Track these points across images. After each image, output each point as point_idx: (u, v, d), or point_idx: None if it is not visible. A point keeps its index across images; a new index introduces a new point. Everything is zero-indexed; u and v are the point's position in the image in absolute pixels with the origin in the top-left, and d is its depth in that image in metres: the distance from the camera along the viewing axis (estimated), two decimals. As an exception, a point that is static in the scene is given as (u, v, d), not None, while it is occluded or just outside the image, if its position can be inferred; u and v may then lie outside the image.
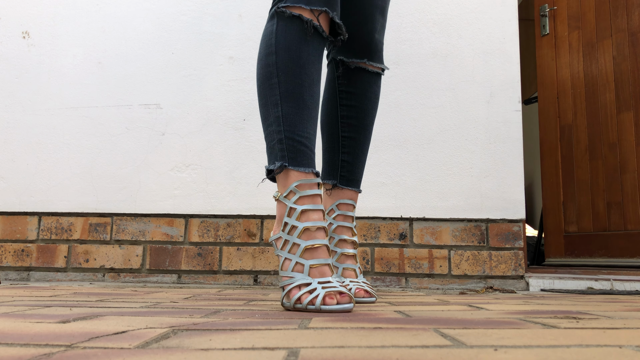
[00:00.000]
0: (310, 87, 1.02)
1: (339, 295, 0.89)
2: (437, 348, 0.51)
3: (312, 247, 0.94)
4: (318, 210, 0.97)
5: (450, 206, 1.98)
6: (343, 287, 0.92)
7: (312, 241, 0.94)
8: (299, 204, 0.97)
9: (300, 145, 1.00)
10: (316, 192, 0.98)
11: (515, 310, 0.94)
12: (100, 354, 0.47)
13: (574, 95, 2.50)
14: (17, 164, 2.07)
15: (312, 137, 1.03)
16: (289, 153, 1.00)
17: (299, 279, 0.92)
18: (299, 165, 0.99)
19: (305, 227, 0.95)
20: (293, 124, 1.00)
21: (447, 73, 2.06)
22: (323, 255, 0.94)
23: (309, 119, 1.02)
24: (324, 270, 0.93)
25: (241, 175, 2.03)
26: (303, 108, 1.01)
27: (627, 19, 2.32)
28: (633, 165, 2.23)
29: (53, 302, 1.01)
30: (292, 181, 0.98)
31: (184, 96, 2.08)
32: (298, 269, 0.94)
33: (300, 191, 0.97)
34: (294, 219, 0.96)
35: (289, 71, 1.01)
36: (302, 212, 0.96)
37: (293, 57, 1.02)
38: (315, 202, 0.97)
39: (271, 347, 0.51)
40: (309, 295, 0.89)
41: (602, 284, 1.83)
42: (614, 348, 0.51)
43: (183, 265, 1.98)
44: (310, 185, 0.98)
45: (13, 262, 2.01)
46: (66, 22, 2.15)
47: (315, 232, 0.95)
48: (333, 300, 0.88)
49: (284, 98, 1.01)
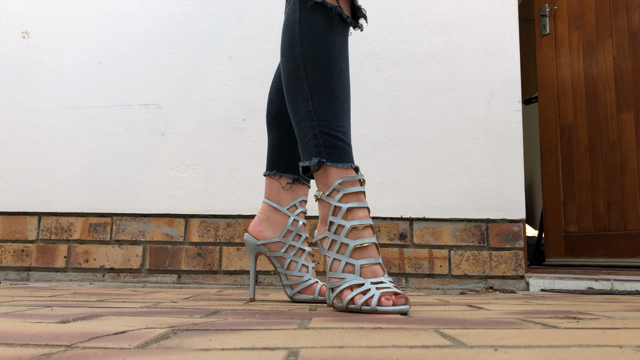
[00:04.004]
0: (340, 78, 0.98)
1: (394, 296, 0.86)
2: (437, 348, 0.51)
3: (362, 246, 0.91)
4: (364, 208, 0.93)
5: (451, 206, 1.98)
6: (397, 288, 0.89)
7: (361, 240, 0.91)
8: (344, 202, 0.93)
9: (336, 140, 0.96)
10: (360, 190, 0.94)
11: (515, 310, 0.94)
12: (100, 354, 0.47)
13: (574, 95, 2.50)
14: (17, 164, 2.07)
15: (348, 131, 0.98)
16: (326, 149, 0.95)
17: (350, 279, 0.89)
18: (337, 161, 0.95)
19: (352, 225, 0.91)
20: (326, 118, 0.96)
21: (447, 73, 2.06)
22: (374, 254, 0.91)
23: (342, 112, 0.97)
24: (376, 270, 0.90)
25: (241, 175, 2.03)
26: (335, 101, 0.97)
27: (628, 18, 2.32)
28: (633, 165, 2.23)
29: (53, 302, 1.01)
30: (333, 179, 0.94)
31: (184, 96, 2.08)
32: (349, 270, 0.91)
33: (344, 189, 0.93)
34: (340, 218, 0.92)
35: (315, 62, 0.97)
36: (347, 211, 0.92)
37: (319, 47, 0.97)
38: (360, 200, 0.94)
39: (271, 347, 0.51)
40: (363, 297, 0.86)
41: (602, 284, 1.82)
42: (614, 348, 0.51)
43: (183, 266, 1.98)
44: (354, 182, 0.95)
45: (13, 262, 2.01)
46: (66, 22, 2.15)
47: (363, 230, 0.92)
48: (389, 301, 0.85)
49: (313, 91, 0.97)
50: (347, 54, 1.02)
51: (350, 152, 0.97)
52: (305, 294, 1.15)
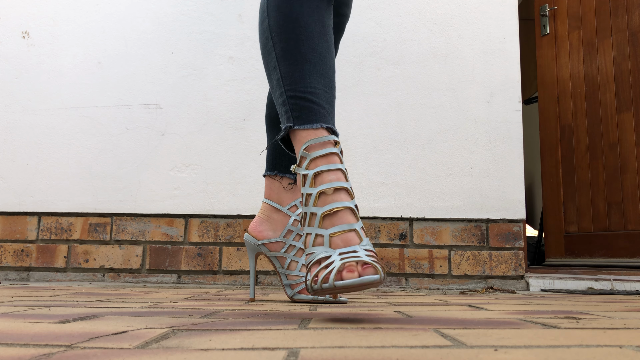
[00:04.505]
0: (310, 39, 0.89)
1: (360, 266, 0.73)
2: (437, 348, 0.51)
3: (331, 213, 0.78)
4: (336, 170, 0.81)
5: (451, 206, 1.98)
6: (371, 255, 0.75)
7: (329, 206, 0.79)
8: (311, 168, 0.82)
9: (304, 102, 0.86)
10: (331, 151, 0.82)
11: (515, 310, 0.94)
12: (100, 354, 0.47)
13: (574, 95, 2.50)
14: (17, 164, 2.07)
15: (320, 91, 0.88)
16: (293, 112, 0.86)
17: (319, 252, 0.77)
18: (304, 123, 0.85)
19: (319, 191, 0.80)
20: (294, 81, 0.88)
21: (447, 73, 2.06)
22: (346, 220, 0.78)
23: (313, 73, 0.88)
24: (348, 238, 0.77)
25: (241, 175, 2.03)
26: (303, 62, 0.88)
27: (628, 18, 2.32)
28: (633, 165, 2.23)
29: (53, 302, 1.01)
30: (300, 145, 0.84)
31: (184, 96, 2.08)
32: (319, 242, 0.78)
33: (311, 153, 0.82)
34: (308, 186, 0.81)
35: (281, 29, 0.90)
36: (315, 176, 0.81)
37: (285, 13, 0.90)
38: (330, 162, 0.82)
39: (271, 347, 0.51)
40: (324, 271, 0.74)
41: (602, 284, 1.82)
42: (614, 348, 0.51)
43: (183, 266, 1.98)
44: (322, 144, 0.83)
45: (13, 262, 2.01)
46: (66, 22, 2.15)
47: (333, 194, 0.80)
48: (353, 273, 0.72)
49: (280, 57, 0.90)
50: (323, 15, 0.92)
51: (321, 112, 0.86)
52: (305, 294, 1.15)
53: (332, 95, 0.90)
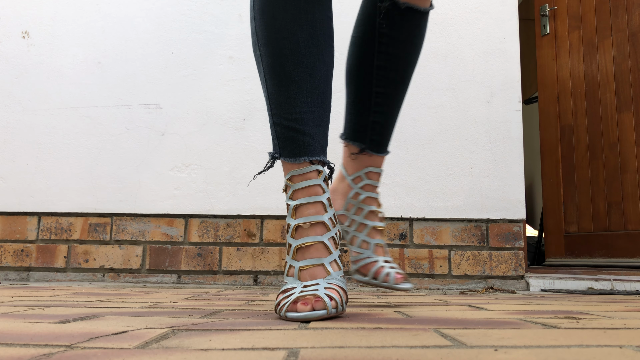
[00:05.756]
0: (295, 52, 0.85)
1: (314, 300, 0.75)
2: (437, 348, 0.51)
3: (303, 247, 0.82)
4: (315, 203, 0.84)
5: (451, 206, 1.98)
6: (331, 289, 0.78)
7: (302, 240, 0.83)
8: (294, 199, 0.85)
9: (289, 131, 0.86)
10: (312, 183, 0.85)
11: (515, 310, 0.94)
12: (100, 354, 0.47)
13: (574, 95, 2.50)
14: (17, 164, 2.07)
15: (306, 116, 0.86)
16: (280, 142, 0.87)
17: (289, 283, 0.82)
18: (288, 156, 0.86)
19: (296, 224, 0.83)
20: (279, 105, 0.86)
21: (447, 73, 2.06)
22: (315, 255, 0.82)
23: (298, 95, 0.85)
24: (315, 272, 0.81)
25: (241, 175, 2.03)
26: (288, 83, 0.85)
27: (628, 18, 2.32)
28: (633, 165, 2.23)
29: (53, 303, 1.01)
30: (285, 174, 0.87)
31: (184, 96, 2.08)
32: (291, 273, 0.83)
33: (293, 184, 0.85)
34: (290, 217, 0.85)
35: (266, 40, 0.86)
36: (295, 208, 0.84)
37: (267, 20, 0.86)
38: (311, 194, 0.85)
39: (271, 348, 0.51)
40: (284, 301, 0.78)
41: (602, 284, 1.82)
42: (614, 348, 0.51)
43: (183, 266, 1.98)
44: (304, 175, 0.85)
45: (13, 262, 2.01)
46: (66, 22, 2.15)
47: (309, 229, 0.83)
48: (306, 306, 0.75)
49: (267, 74, 0.87)
50: (314, 14, 0.86)
51: (307, 141, 0.86)
52: (362, 273, 1.07)
53: (323, 110, 0.88)
